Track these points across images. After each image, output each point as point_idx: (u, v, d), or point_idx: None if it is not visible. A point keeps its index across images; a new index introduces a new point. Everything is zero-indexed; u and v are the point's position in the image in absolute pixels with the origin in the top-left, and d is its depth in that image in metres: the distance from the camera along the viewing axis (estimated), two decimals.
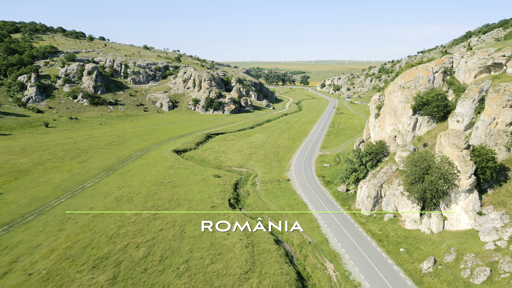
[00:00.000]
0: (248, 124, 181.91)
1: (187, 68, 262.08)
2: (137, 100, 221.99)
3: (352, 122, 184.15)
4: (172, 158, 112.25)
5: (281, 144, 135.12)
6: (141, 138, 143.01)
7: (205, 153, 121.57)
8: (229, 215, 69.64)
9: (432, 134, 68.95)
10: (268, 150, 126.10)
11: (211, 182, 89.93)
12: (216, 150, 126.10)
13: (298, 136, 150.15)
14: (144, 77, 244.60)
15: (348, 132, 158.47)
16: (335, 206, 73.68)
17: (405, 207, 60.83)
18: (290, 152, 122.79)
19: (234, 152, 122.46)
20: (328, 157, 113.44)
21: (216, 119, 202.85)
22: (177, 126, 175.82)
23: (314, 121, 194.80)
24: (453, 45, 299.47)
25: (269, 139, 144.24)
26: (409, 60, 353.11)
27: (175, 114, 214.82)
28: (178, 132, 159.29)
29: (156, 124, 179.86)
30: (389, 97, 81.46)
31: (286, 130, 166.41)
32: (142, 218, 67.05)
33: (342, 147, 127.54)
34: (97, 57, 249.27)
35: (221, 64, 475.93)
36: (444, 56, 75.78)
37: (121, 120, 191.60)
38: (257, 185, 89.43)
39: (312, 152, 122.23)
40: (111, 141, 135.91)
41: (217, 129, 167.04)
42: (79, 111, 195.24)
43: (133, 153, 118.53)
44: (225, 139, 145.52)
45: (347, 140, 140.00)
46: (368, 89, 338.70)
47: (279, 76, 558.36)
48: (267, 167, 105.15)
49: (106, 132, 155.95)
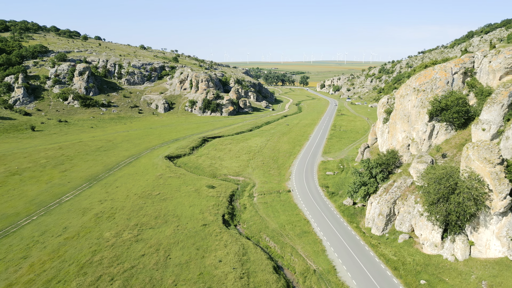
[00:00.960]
0: (246, 127, 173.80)
1: (184, 69, 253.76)
2: (131, 101, 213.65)
3: (354, 125, 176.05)
4: (163, 165, 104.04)
5: (281, 149, 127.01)
6: (132, 143, 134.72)
7: (199, 160, 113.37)
8: (223, 235, 61.48)
9: (452, 143, 60.86)
10: (267, 155, 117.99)
11: (204, 193, 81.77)
12: (211, 156, 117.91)
13: (298, 140, 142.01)
14: (139, 78, 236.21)
15: (350, 135, 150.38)
16: (341, 223, 65.54)
17: (423, 228, 52.73)
18: (291, 158, 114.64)
19: (230, 158, 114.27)
20: (331, 164, 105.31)
21: (214, 121, 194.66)
22: (172, 129, 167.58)
23: (314, 123, 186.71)
24: (454, 45, 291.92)
25: (268, 143, 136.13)
26: (409, 60, 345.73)
27: (171, 116, 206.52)
28: (172, 135, 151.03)
29: (150, 127, 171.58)
30: (401, 100, 73.40)
31: (286, 133, 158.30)
32: (122, 241, 58.82)
33: (345, 152, 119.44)
34: (90, 57, 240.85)
35: (220, 65, 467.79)
36: (464, 55, 67.70)
37: (114, 122, 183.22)
38: (255, 197, 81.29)
39: (314, 157, 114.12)
40: (100, 146, 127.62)
41: (214, 132, 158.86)
42: (69, 114, 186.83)
43: (122, 160, 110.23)
44: (221, 143, 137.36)
45: (350, 144, 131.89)
46: (368, 89, 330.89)
47: (278, 77, 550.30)
48: (265, 175, 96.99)
49: (96, 136, 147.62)
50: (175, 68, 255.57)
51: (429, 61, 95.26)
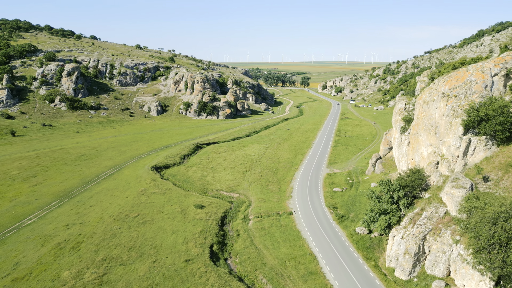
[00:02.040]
0: (244, 132, 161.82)
1: (179, 69, 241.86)
2: (123, 104, 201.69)
3: (360, 130, 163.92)
4: (148, 178, 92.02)
5: (281, 158, 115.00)
6: (118, 151, 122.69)
7: (190, 171, 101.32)
8: (209, 275, 49.49)
9: (495, 162, 48.82)
10: (266, 166, 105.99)
11: (191, 215, 69.78)
12: (203, 166, 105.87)
13: (300, 147, 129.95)
14: (131, 79, 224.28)
15: (357, 142, 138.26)
16: (355, 260, 53.48)
17: (467, 278, 40.67)
18: (292, 169, 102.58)
19: (225, 169, 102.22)
20: (338, 177, 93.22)
21: (209, 125, 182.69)
22: (164, 134, 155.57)
23: (317, 127, 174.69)
24: (463, 44, 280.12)
25: (267, 151, 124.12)
26: (415, 61, 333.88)
27: (164, 120, 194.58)
28: (163, 141, 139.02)
29: (140, 132, 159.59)
30: (424, 108, 61.38)
31: (286, 139, 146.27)
32: (82, 284, 46.82)
33: (353, 163, 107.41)
34: (81, 56, 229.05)
35: (219, 65, 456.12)
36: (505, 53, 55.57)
37: (102, 126, 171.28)
38: (250, 220, 69.24)
39: (318, 169, 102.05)
40: (82, 155, 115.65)
41: (209, 138, 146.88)
42: (55, 117, 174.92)
43: (102, 172, 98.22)
44: (216, 151, 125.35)
45: (358, 153, 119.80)
46: (372, 91, 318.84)
47: (278, 77, 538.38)
48: (263, 191, 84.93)
49: (80, 142, 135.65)
50: (170, 69, 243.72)
51: (457, 60, 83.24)
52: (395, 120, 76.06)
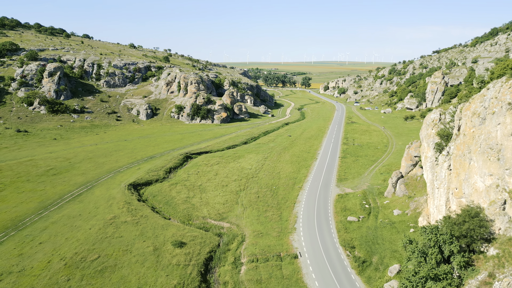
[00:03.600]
0: (240, 139, 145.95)
1: (172, 69, 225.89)
2: (109, 106, 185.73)
3: (370, 138, 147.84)
4: (122, 200, 76.12)
5: (282, 172, 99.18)
6: (94, 163, 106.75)
7: (174, 190, 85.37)
8: None
9: None
10: (264, 182, 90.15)
11: (166, 258, 53.90)
12: (191, 183, 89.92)
13: (304, 159, 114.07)
14: (120, 79, 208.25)
15: (368, 152, 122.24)
16: None
17: None
18: (295, 187, 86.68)
19: (215, 188, 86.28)
20: (352, 200, 77.25)
21: (203, 130, 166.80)
22: (151, 141, 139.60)
23: (322, 134, 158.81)
24: (476, 43, 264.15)
25: (265, 163, 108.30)
26: (423, 60, 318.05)
27: (153, 124, 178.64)
28: (148, 151, 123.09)
29: (125, 139, 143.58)
30: (475, 122, 45.52)
31: (288, 147, 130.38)
32: None
33: (367, 179, 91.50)
34: (66, 55, 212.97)
35: (217, 65, 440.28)
36: None
37: (84, 132, 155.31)
38: (243, 266, 53.30)
39: (327, 188, 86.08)
40: (51, 168, 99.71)
41: (201, 146, 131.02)
42: (33, 122, 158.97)
43: (69, 191, 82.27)
44: (207, 162, 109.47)
45: (371, 167, 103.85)
46: (378, 92, 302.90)
47: (279, 78, 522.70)
48: (261, 219, 69.03)
49: (54, 151, 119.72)
50: (162, 69, 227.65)
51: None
52: (427, 135, 60.12)
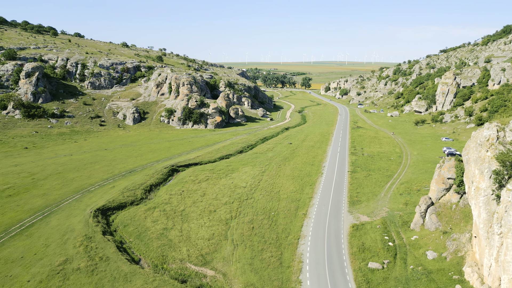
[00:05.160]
0: (235, 147, 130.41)
1: (164, 69, 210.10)
2: (93, 110, 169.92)
3: (380, 146, 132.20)
4: (81, 234, 60.47)
5: (282, 191, 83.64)
6: (63, 179, 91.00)
7: (150, 217, 69.67)
8: None
9: None
10: (261, 206, 74.62)
11: None
12: (172, 208, 74.20)
13: (307, 173, 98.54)
14: (106, 80, 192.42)
15: (380, 164, 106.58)
16: None
17: None
18: (299, 214, 71.09)
19: (200, 215, 70.61)
20: (370, 233, 61.60)
21: (194, 137, 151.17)
22: (134, 151, 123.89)
23: (326, 140, 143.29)
24: (488, 41, 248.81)
25: (263, 179, 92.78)
26: (430, 60, 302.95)
27: (140, 130, 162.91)
28: (129, 163, 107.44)
29: (106, 148, 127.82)
30: None
31: (288, 158, 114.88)
32: None
33: (384, 202, 75.92)
34: (48, 54, 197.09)
35: (214, 65, 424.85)
36: None
37: (62, 140, 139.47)
38: None
39: (337, 215, 70.44)
40: (9, 186, 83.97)
41: (190, 157, 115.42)
42: (6, 128, 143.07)
43: (21, 219, 66.54)
44: (195, 178, 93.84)
45: (387, 185, 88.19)
46: (383, 94, 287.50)
47: (278, 78, 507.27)
48: (255, 264, 53.34)
49: (20, 164, 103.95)
50: (153, 69, 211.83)
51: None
52: (478, 158, 44.55)
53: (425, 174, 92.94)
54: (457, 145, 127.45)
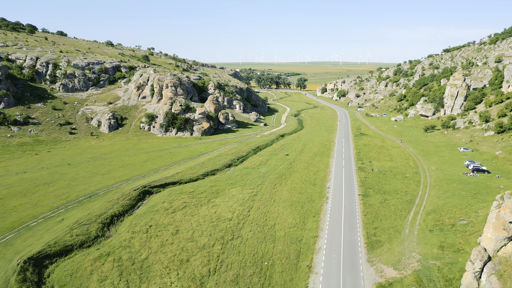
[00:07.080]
0: (223, 159, 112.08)
1: (146, 69, 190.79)
2: (63, 116, 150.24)
3: (390, 158, 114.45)
4: None
5: (278, 226, 65.42)
6: (1, 208, 71.72)
7: (97, 272, 50.84)
8: None
9: None
10: (250, 253, 56.33)
11: None
12: (130, 256, 55.41)
13: (309, 197, 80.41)
14: (81, 82, 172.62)
15: (396, 184, 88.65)
16: None
17: None
18: (301, 266, 52.87)
19: (167, 269, 51.97)
20: None
21: (177, 146, 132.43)
22: (103, 166, 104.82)
23: (327, 151, 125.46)
24: (496, 40, 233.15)
25: (254, 206, 74.51)
26: (433, 60, 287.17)
27: (116, 138, 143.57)
28: (92, 184, 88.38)
29: (69, 162, 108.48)
30: None
31: (285, 175, 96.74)
32: None
33: (411, 244, 57.99)
34: (17, 53, 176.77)
35: (205, 65, 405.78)
36: None
37: (21, 152, 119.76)
38: None
39: (353, 267, 52.34)
40: None
41: (167, 174, 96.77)
42: None
43: None
44: (169, 205, 75.19)
45: (409, 215, 70.23)
46: (383, 96, 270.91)
47: (272, 79, 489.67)
48: None
49: None
50: (135, 69, 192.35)
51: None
52: None
53: (454, 199, 75.39)
54: (479, 157, 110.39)
